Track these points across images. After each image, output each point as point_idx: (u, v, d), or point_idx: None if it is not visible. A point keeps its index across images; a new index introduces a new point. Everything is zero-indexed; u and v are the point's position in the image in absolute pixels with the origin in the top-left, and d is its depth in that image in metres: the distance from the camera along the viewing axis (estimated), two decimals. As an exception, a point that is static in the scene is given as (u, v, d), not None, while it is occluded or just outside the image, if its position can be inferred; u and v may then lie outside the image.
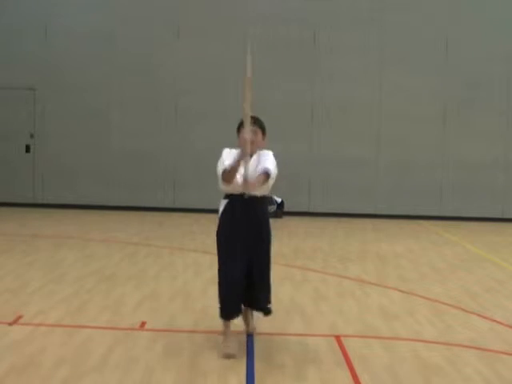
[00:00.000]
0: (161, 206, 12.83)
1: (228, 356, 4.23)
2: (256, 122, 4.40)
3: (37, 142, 13.04)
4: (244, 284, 4.35)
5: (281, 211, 12.34)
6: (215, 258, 4.44)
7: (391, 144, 12.84)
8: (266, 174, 4.25)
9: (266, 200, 4.56)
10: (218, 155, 4.39)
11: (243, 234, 4.34)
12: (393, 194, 12.85)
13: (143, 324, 4.95)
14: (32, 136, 13.06)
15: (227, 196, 4.41)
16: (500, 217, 12.87)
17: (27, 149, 13.07)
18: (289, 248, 8.78)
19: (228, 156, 4.33)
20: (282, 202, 12.41)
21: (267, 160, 4.34)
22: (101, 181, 12.91)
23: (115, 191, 12.89)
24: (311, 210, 12.80)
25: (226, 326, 4.44)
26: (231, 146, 4.46)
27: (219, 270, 4.39)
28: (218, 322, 4.54)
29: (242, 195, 4.25)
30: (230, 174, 4.23)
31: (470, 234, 11.10)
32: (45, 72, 12.88)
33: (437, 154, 12.86)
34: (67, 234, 9.47)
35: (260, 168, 4.27)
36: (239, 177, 4.22)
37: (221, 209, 4.44)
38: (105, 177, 12.92)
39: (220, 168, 4.31)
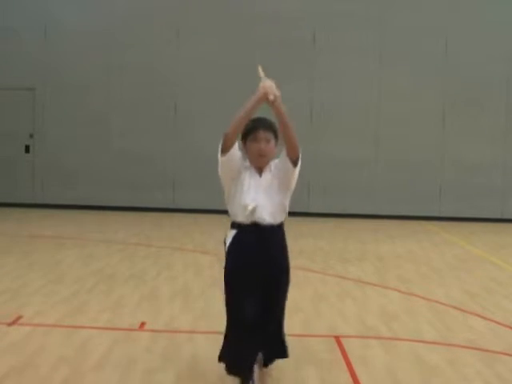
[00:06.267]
0: (160, 206, 12.82)
1: None
2: (270, 127, 3.72)
3: (36, 142, 13.04)
4: (257, 327, 3.63)
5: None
6: (215, 258, 4.43)
7: (391, 144, 12.83)
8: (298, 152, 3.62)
9: (282, 229, 3.93)
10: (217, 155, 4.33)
11: (255, 272, 3.63)
12: (392, 194, 12.84)
13: (143, 324, 4.95)
14: (32, 136, 13.05)
15: (235, 225, 3.68)
16: (500, 217, 12.86)
17: (27, 149, 13.07)
18: (288, 248, 8.75)
19: None
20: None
21: None
22: (101, 181, 12.91)
23: (115, 191, 12.89)
24: (311, 211, 12.79)
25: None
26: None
27: (228, 311, 3.66)
28: (217, 322, 4.51)
29: (252, 225, 3.63)
30: (239, 120, 3.55)
31: (469, 234, 11.10)
32: (45, 72, 12.88)
33: (436, 154, 12.86)
34: (67, 234, 9.47)
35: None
36: (249, 201, 3.61)
37: (228, 241, 3.68)
38: (105, 177, 12.92)
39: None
